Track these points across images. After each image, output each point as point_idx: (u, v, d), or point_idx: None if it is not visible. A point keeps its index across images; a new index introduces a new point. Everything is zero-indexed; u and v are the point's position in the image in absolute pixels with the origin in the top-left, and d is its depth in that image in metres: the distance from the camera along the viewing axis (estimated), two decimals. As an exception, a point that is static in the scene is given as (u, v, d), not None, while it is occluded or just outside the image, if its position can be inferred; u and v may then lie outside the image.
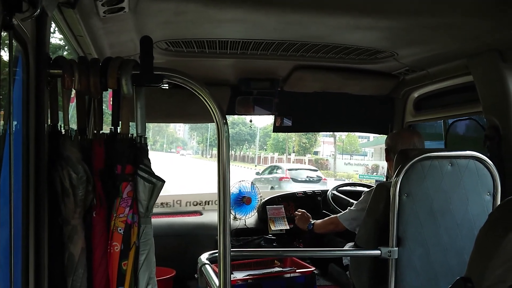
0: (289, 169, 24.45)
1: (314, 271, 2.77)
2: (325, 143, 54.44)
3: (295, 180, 23.02)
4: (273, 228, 3.69)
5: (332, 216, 3.07)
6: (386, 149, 2.91)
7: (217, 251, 1.65)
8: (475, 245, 1.38)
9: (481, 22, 2.10)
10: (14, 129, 1.30)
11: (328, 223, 3.11)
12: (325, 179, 25.46)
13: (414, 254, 2.27)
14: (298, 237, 3.55)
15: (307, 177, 24.09)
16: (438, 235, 2.28)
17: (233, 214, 3.78)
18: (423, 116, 3.41)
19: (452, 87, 2.98)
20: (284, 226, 3.70)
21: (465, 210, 2.29)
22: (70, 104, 1.84)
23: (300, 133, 42.14)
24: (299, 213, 3.50)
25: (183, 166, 39.14)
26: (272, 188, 20.84)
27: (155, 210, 1.63)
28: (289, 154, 49.65)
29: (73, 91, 1.60)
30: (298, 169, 25.82)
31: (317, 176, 24.58)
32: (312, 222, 3.29)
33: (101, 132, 1.62)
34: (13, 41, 1.19)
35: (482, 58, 2.44)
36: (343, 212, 2.98)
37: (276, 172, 24.62)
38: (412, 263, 2.27)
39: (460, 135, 3.30)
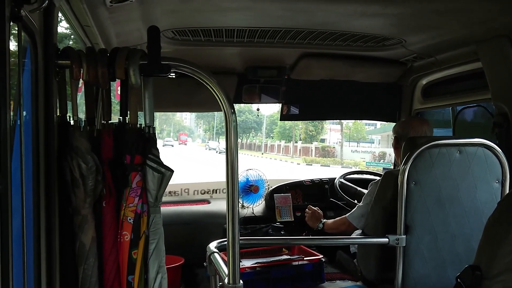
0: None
1: (322, 258, 2.78)
2: (332, 130, 54.32)
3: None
4: (278, 219, 3.71)
5: (342, 216, 3.05)
6: (395, 137, 2.88)
7: (225, 239, 1.66)
8: (483, 233, 1.38)
9: (489, 6, 2.07)
10: (23, 120, 1.31)
11: (340, 223, 3.06)
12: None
13: (422, 242, 2.27)
14: (305, 228, 3.55)
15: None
16: (446, 222, 2.28)
17: (241, 202, 3.78)
18: (431, 103, 3.39)
19: (460, 73, 2.95)
20: (289, 218, 3.72)
21: (474, 198, 2.29)
22: (78, 94, 1.85)
23: (307, 121, 42.08)
24: (310, 211, 3.43)
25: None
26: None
27: (163, 199, 1.64)
28: (296, 142, 49.63)
29: (81, 81, 1.60)
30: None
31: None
32: (323, 222, 3.27)
33: (109, 122, 1.63)
34: (21, 32, 1.19)
35: (491, 44, 2.41)
36: (352, 210, 2.96)
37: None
38: (420, 250, 2.28)
39: (469, 122, 3.28)
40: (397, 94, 3.63)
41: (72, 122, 1.56)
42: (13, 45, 1.18)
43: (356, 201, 3.42)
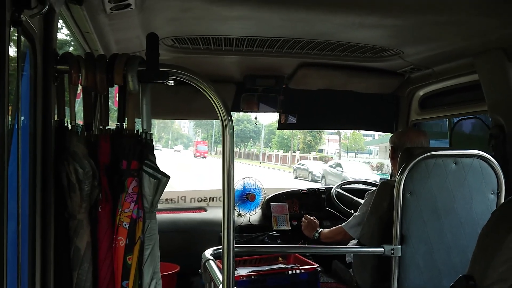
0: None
1: (318, 268, 2.78)
2: (330, 140, 54.29)
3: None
4: (275, 227, 3.71)
5: (338, 226, 3.05)
6: (392, 147, 2.89)
7: (221, 247, 1.66)
8: (477, 243, 1.38)
9: (487, 20, 2.09)
10: (21, 124, 1.32)
11: (336, 233, 3.06)
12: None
13: (417, 252, 2.27)
14: (302, 237, 3.55)
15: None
16: (441, 233, 2.28)
17: (237, 210, 3.79)
18: (428, 114, 3.40)
19: (457, 85, 2.97)
20: (286, 226, 3.72)
21: (469, 209, 2.29)
22: (76, 100, 1.86)
23: (305, 130, 42.08)
24: (306, 220, 3.44)
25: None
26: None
27: (160, 206, 1.64)
28: (294, 152, 49.61)
29: (80, 87, 1.61)
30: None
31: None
32: (319, 231, 3.27)
33: (107, 127, 1.64)
34: (21, 37, 1.20)
35: (488, 57, 2.43)
36: (348, 220, 2.96)
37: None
38: (415, 261, 2.28)
39: (465, 133, 3.29)
40: (394, 105, 3.65)
41: (69, 127, 1.57)
42: (12, 50, 1.19)
43: (352, 211, 3.42)
